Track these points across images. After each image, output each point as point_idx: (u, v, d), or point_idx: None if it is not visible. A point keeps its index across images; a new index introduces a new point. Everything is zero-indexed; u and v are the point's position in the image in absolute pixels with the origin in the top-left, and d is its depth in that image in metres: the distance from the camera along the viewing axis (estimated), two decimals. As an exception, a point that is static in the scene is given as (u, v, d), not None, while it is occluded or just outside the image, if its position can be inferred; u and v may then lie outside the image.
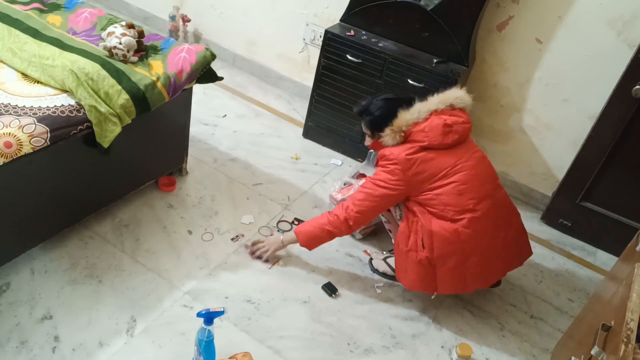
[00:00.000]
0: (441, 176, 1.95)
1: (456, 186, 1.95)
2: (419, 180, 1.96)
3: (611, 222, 2.68)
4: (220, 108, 3.21)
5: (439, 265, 1.99)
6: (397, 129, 1.98)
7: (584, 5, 2.47)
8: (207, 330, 1.63)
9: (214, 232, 2.31)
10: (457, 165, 1.97)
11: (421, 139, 1.96)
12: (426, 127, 1.96)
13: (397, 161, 1.96)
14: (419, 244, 1.98)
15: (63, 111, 1.84)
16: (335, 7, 3.07)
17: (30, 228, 1.91)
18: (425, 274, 2.01)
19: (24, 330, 1.76)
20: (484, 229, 1.97)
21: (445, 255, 1.97)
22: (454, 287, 2.05)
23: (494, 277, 2.12)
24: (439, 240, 1.95)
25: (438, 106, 2.00)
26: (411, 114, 1.98)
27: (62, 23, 2.26)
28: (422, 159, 1.95)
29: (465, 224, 1.94)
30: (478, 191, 1.97)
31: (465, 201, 1.95)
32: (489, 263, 2.02)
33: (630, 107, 2.40)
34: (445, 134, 1.96)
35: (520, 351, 2.11)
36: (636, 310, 1.31)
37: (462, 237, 1.94)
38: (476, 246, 1.97)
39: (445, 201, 1.95)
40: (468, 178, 1.96)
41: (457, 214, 1.95)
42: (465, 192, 1.95)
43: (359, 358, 1.93)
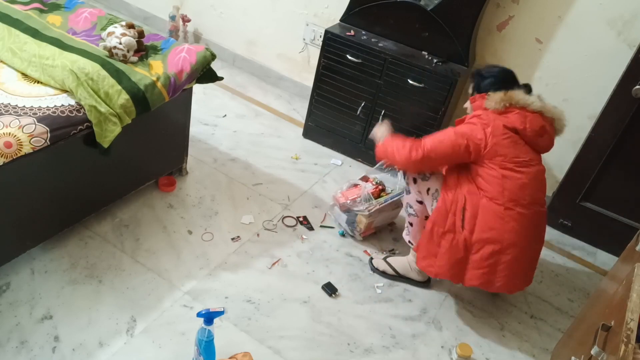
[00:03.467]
0: (517, 162, 1.94)
1: (522, 178, 1.94)
2: (496, 152, 1.93)
3: (611, 222, 2.68)
4: (220, 108, 3.21)
5: (474, 251, 1.94)
6: (508, 98, 1.96)
7: (584, 5, 2.47)
8: (207, 330, 1.63)
9: (214, 232, 2.31)
10: (532, 162, 1.98)
11: (519, 123, 1.95)
12: (529, 117, 1.97)
13: (489, 123, 1.94)
14: (459, 225, 1.94)
15: (63, 111, 1.84)
16: (335, 7, 3.07)
17: (30, 228, 1.91)
18: (458, 260, 1.96)
19: (24, 330, 1.76)
20: (527, 230, 1.95)
21: (484, 241, 1.92)
22: (481, 279, 1.97)
23: (518, 283, 2.05)
24: (483, 220, 1.92)
25: (547, 112, 2.01)
26: (528, 98, 1.99)
27: (62, 23, 2.26)
28: (511, 138, 1.94)
29: (515, 215, 1.92)
30: (535, 194, 1.98)
31: (523, 195, 1.93)
32: (519, 267, 1.98)
33: (630, 107, 2.40)
34: (539, 135, 1.98)
35: (520, 351, 2.11)
36: (636, 310, 1.31)
37: (507, 227, 1.91)
38: (516, 242, 1.92)
39: (508, 186, 1.92)
40: (534, 178, 1.97)
41: (510, 202, 1.92)
42: (526, 189, 1.94)
43: (359, 358, 1.93)
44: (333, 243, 2.41)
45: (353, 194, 2.42)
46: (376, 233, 2.50)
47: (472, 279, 1.98)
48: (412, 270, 2.24)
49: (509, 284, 2.00)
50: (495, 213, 1.92)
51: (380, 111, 2.78)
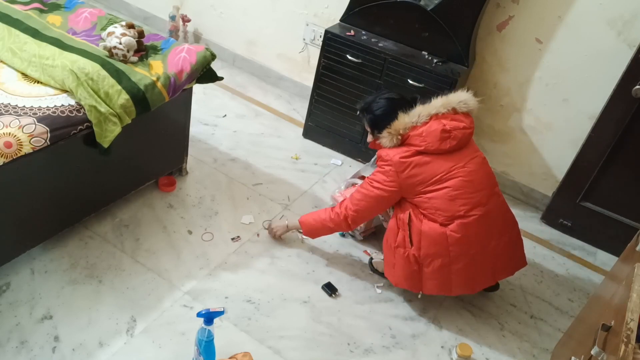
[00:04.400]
0: (434, 181, 1.94)
1: (448, 192, 1.93)
2: (412, 183, 1.96)
3: (611, 222, 2.68)
4: (220, 108, 3.21)
5: (425, 265, 1.99)
6: (394, 132, 1.97)
7: (584, 5, 2.47)
8: (207, 330, 1.63)
9: (214, 232, 2.31)
10: (453, 170, 1.95)
11: (418, 144, 1.94)
12: (424, 132, 1.94)
13: (391, 163, 1.96)
14: (407, 240, 1.99)
15: (63, 111, 1.84)
16: (335, 7, 3.07)
17: (30, 228, 1.91)
18: (412, 271, 2.02)
19: (24, 330, 1.76)
20: (474, 235, 1.95)
21: (431, 255, 1.96)
22: (439, 288, 2.03)
23: (480, 284, 2.10)
24: (427, 240, 1.96)
25: (439, 110, 1.97)
26: (410, 117, 1.96)
27: (62, 23, 2.26)
28: (417, 163, 1.94)
29: (454, 228, 1.93)
30: (471, 198, 1.95)
31: (457, 207, 1.93)
32: (475, 270, 2.01)
33: (630, 107, 2.40)
34: (443, 140, 1.93)
35: (520, 351, 2.11)
36: (636, 310, 1.31)
37: (450, 241, 1.94)
38: (463, 251, 1.95)
39: (437, 205, 1.94)
40: (462, 184, 1.94)
41: (447, 220, 1.94)
42: (458, 198, 1.93)
43: (359, 358, 1.93)
44: (333, 243, 2.41)
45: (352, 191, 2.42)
46: (376, 233, 2.50)
47: (430, 289, 2.05)
48: None
49: (469, 286, 2.06)
50: (435, 231, 1.95)
51: (380, 111, 2.77)
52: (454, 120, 1.97)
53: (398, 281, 2.08)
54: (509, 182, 3.00)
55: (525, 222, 2.85)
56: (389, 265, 2.10)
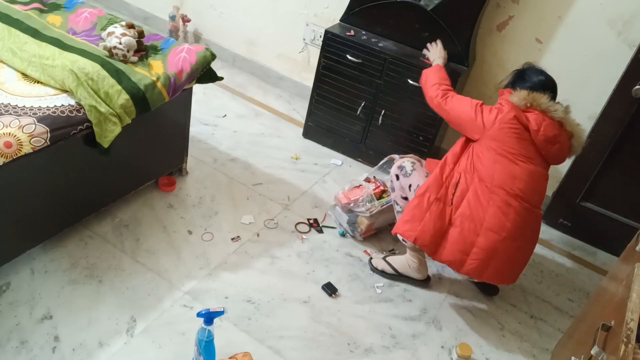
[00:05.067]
0: (513, 153, 1.98)
1: (515, 169, 1.97)
2: (496, 137, 1.99)
3: (611, 222, 2.68)
4: (220, 108, 3.21)
5: (455, 224, 1.98)
6: (530, 99, 2.00)
7: (584, 5, 2.47)
8: (207, 330, 1.63)
9: (214, 232, 2.31)
10: (532, 161, 2.00)
11: (534, 124, 1.98)
12: (546, 122, 1.99)
13: (505, 110, 1.99)
14: (449, 197, 2.00)
15: (63, 111, 1.84)
16: (335, 7, 3.07)
17: (30, 228, 1.91)
18: (439, 229, 2.00)
19: (24, 330, 1.76)
20: (510, 221, 1.95)
21: (466, 216, 1.97)
22: (455, 256, 2.00)
23: (489, 274, 2.04)
24: (471, 197, 1.98)
25: (567, 125, 2.03)
26: (552, 104, 2.01)
27: (62, 23, 2.26)
28: (518, 130, 1.97)
29: (499, 201, 1.95)
30: (527, 190, 1.98)
31: (512, 185, 1.96)
32: (494, 255, 1.97)
33: (630, 107, 2.41)
34: (550, 143, 2.00)
35: (520, 351, 2.11)
36: (636, 310, 1.31)
37: (489, 210, 1.95)
38: (495, 227, 1.95)
39: (497, 171, 1.97)
40: (529, 175, 1.99)
41: (497, 188, 1.96)
42: (518, 181, 1.97)
43: (359, 358, 1.93)
44: (333, 243, 2.41)
45: (355, 194, 2.42)
46: (377, 234, 2.50)
47: (447, 255, 2.01)
48: (411, 269, 2.25)
49: (478, 269, 2.00)
50: (481, 193, 1.97)
51: (380, 111, 2.78)
52: (565, 140, 2.04)
53: (421, 236, 2.02)
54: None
55: (525, 222, 2.85)
56: (413, 219, 2.04)
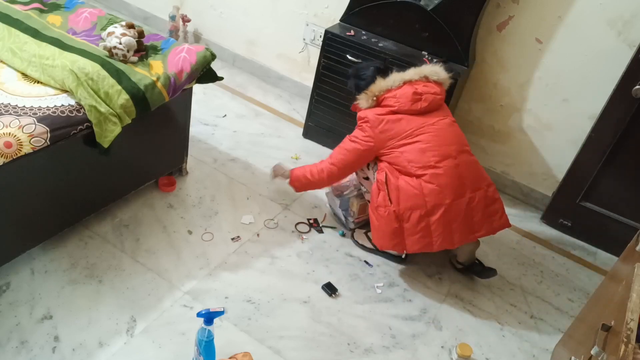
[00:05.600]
0: (406, 135, 2.12)
1: (419, 145, 2.10)
2: (386, 138, 2.13)
3: (611, 222, 2.68)
4: (220, 108, 3.21)
5: (405, 219, 2.09)
6: (370, 94, 2.19)
7: (584, 5, 2.47)
8: (207, 330, 1.63)
9: (214, 232, 2.31)
10: (423, 127, 2.13)
11: (392, 104, 2.15)
12: (397, 94, 2.15)
13: (367, 119, 2.17)
14: (386, 199, 2.11)
15: (63, 111, 1.84)
16: (335, 7, 3.07)
17: (30, 228, 1.91)
18: (394, 229, 2.11)
19: (24, 330, 1.76)
20: (446, 185, 2.06)
21: (410, 208, 2.07)
22: (420, 243, 2.11)
23: (459, 238, 2.12)
24: (404, 194, 2.08)
25: (412, 77, 2.18)
26: (386, 81, 2.18)
27: (62, 23, 2.26)
28: (390, 119, 2.14)
29: (427, 178, 2.06)
30: (440, 150, 2.10)
31: (427, 158, 2.08)
32: (452, 220, 2.08)
33: (630, 107, 2.41)
34: (415, 101, 2.14)
35: (520, 351, 2.11)
36: (636, 310, 1.31)
37: (425, 191, 2.05)
38: (438, 201, 2.05)
39: (409, 158, 2.09)
40: (431, 138, 2.11)
41: (419, 169, 2.07)
42: (428, 151, 2.09)
43: (359, 358, 1.93)
44: (333, 243, 2.41)
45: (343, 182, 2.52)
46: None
47: (413, 245, 2.12)
48: None
49: (447, 240, 2.10)
50: (410, 184, 2.08)
51: (380, 111, 2.77)
52: (426, 87, 2.18)
53: (383, 243, 2.18)
54: (509, 182, 3.00)
55: (525, 222, 2.85)
56: (375, 230, 2.19)
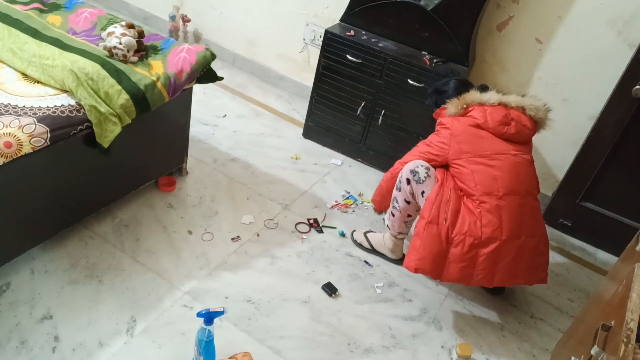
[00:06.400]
0: (483, 155, 2.02)
1: (493, 170, 2.00)
2: (462, 150, 2.04)
3: (611, 222, 2.68)
4: (220, 108, 3.21)
5: (454, 244, 1.97)
6: (462, 101, 2.10)
7: (584, 5, 2.47)
8: (207, 330, 1.63)
9: (214, 232, 2.31)
10: (503, 154, 2.03)
11: (477, 117, 2.05)
12: (489, 110, 2.06)
13: (449, 125, 2.08)
14: (442, 217, 1.98)
15: (63, 111, 1.84)
16: (335, 7, 3.07)
17: (30, 228, 1.91)
18: (439, 252, 1.98)
19: (24, 330, 1.76)
20: (506, 221, 1.96)
21: (464, 233, 1.96)
22: (460, 274, 1.99)
23: (499, 278, 2.02)
24: (462, 216, 1.98)
25: (510, 102, 2.09)
26: (482, 96, 2.10)
27: (62, 23, 2.26)
28: (472, 132, 2.05)
29: (489, 207, 1.96)
30: (511, 184, 2.00)
31: (496, 187, 1.98)
32: (500, 259, 1.98)
33: (630, 107, 2.40)
34: (503, 124, 2.04)
35: (520, 351, 2.11)
36: (636, 310, 1.31)
37: (484, 220, 1.96)
38: (494, 235, 1.95)
39: (478, 180, 1.99)
40: (507, 168, 2.01)
41: (483, 195, 1.98)
42: (499, 180, 1.99)
43: (359, 358, 1.93)
44: (333, 243, 2.41)
45: None
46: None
47: (452, 273, 2.00)
48: (386, 248, 2.35)
49: (488, 277, 2.01)
50: (472, 209, 1.99)
51: (380, 111, 2.78)
52: (519, 116, 2.08)
53: (421, 265, 2.00)
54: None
55: (525, 222, 2.85)
56: (414, 249, 2.03)
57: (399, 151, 2.81)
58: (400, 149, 2.80)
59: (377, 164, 2.94)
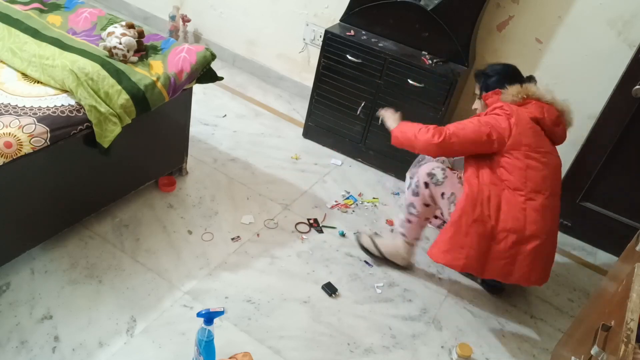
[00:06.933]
0: (539, 152, 1.99)
1: (544, 170, 1.99)
2: (521, 142, 1.97)
3: (611, 222, 2.68)
4: (220, 108, 3.21)
5: (498, 240, 1.95)
6: (524, 91, 2.04)
7: (584, 5, 2.47)
8: (207, 330, 1.63)
9: (214, 232, 2.31)
10: (551, 154, 2.05)
11: (538, 113, 2.02)
12: (545, 107, 2.04)
13: (511, 112, 1.99)
14: (486, 214, 1.95)
15: (63, 111, 1.84)
16: (335, 7, 3.07)
17: (30, 228, 1.91)
18: (484, 250, 1.96)
19: (24, 330, 1.76)
20: (547, 221, 1.98)
21: (508, 230, 1.93)
22: (502, 270, 1.98)
23: (535, 276, 2.02)
24: (507, 209, 1.95)
25: (557, 104, 2.08)
26: (541, 90, 2.07)
27: (62, 23, 2.26)
28: (533, 127, 2.00)
29: (536, 206, 1.95)
30: (553, 184, 2.02)
31: (545, 186, 1.98)
32: (540, 257, 1.98)
33: (630, 107, 2.41)
34: (556, 124, 2.06)
35: (520, 351, 2.11)
36: (636, 310, 1.31)
37: (529, 218, 1.95)
38: (537, 233, 1.94)
39: (531, 177, 1.97)
40: (553, 170, 2.04)
41: (533, 193, 1.96)
42: (548, 180, 2.00)
43: (359, 358, 1.93)
44: (333, 243, 2.41)
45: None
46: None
47: (492, 270, 2.00)
48: (399, 257, 2.29)
49: (527, 275, 1.99)
50: (517, 204, 1.96)
51: (380, 111, 2.78)
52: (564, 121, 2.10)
53: (468, 262, 1.97)
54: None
55: (525, 222, 2.85)
56: (454, 248, 1.99)
57: (399, 151, 2.81)
58: (400, 149, 2.80)
59: (377, 164, 2.94)
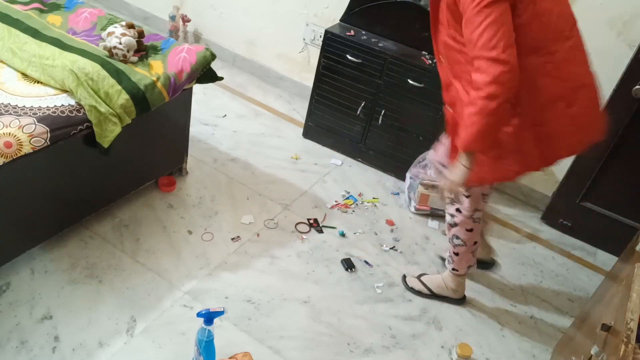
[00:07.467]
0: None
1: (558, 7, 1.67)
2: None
3: (611, 222, 2.68)
4: (220, 108, 3.21)
5: (542, 123, 1.69)
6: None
7: (583, 5, 2.46)
8: (207, 330, 1.63)
9: (214, 232, 2.31)
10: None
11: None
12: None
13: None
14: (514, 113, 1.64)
15: (63, 111, 1.84)
16: (335, 7, 3.07)
17: (30, 228, 1.91)
18: (534, 146, 1.72)
19: (24, 330, 1.77)
20: (581, 62, 1.78)
21: (551, 101, 1.67)
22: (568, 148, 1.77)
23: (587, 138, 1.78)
24: (540, 82, 1.65)
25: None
26: None
27: (62, 23, 2.26)
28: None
29: (565, 54, 1.68)
30: (568, 22, 1.73)
31: (562, 25, 1.70)
32: (589, 109, 1.75)
33: (630, 107, 2.40)
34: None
35: (520, 351, 2.11)
36: (636, 310, 1.31)
37: (564, 73, 1.71)
38: (578, 81, 1.73)
39: (545, 21, 1.63)
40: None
41: (553, 42, 1.65)
42: (562, 17, 1.71)
43: (359, 358, 1.93)
44: (333, 243, 2.41)
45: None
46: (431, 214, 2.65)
47: (559, 151, 1.78)
48: (449, 289, 2.19)
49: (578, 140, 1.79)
50: (541, 63, 1.67)
51: (380, 111, 2.78)
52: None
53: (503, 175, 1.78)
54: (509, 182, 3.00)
55: (526, 222, 2.85)
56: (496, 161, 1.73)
57: (399, 151, 2.82)
58: (400, 149, 2.81)
59: (377, 164, 2.94)
